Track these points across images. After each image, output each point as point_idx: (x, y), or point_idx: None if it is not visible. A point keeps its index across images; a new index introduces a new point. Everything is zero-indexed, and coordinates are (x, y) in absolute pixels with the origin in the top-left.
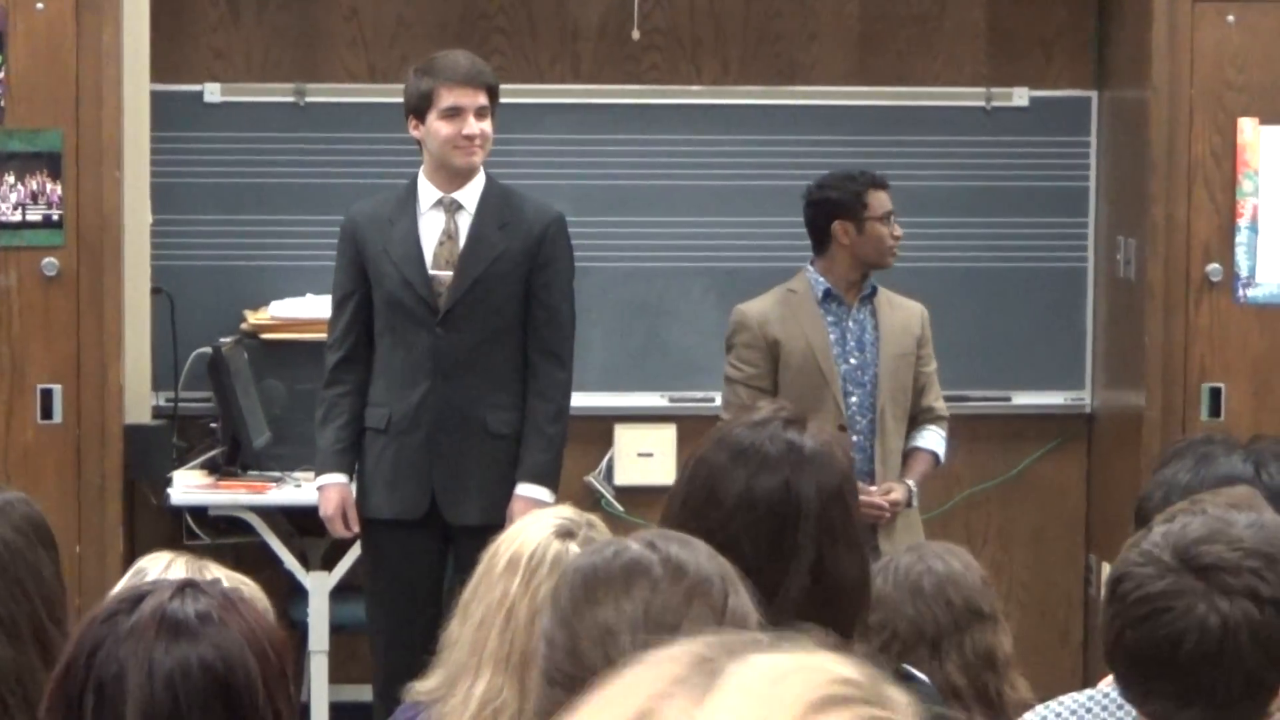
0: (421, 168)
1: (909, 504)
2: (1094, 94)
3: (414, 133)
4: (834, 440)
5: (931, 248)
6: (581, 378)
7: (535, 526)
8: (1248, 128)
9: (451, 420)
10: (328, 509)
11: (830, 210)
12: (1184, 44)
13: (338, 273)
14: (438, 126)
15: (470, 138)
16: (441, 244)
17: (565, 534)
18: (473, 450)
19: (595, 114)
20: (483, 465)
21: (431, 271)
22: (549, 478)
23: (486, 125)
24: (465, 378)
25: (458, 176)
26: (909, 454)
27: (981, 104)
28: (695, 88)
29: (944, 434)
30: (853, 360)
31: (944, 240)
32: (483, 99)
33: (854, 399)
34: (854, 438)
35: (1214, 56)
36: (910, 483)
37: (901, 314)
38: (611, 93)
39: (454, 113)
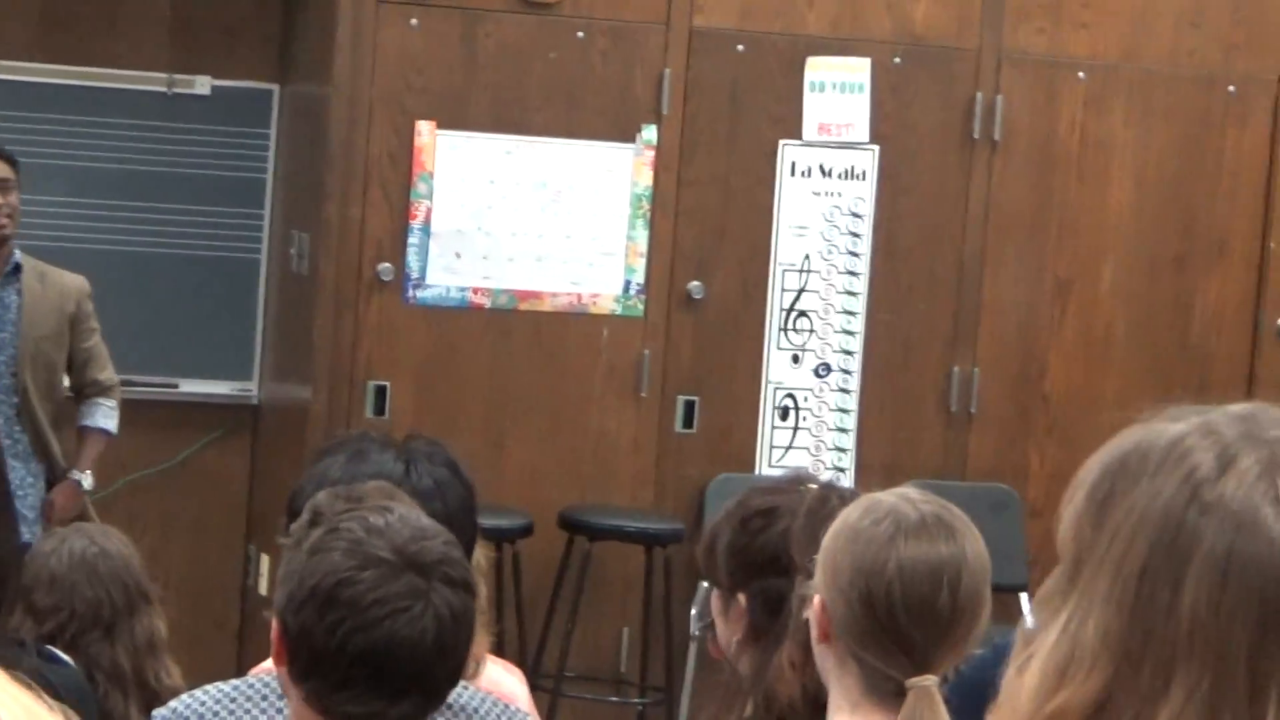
0: None
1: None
2: (276, 87)
3: None
4: None
5: (105, 230)
6: None
7: None
8: (425, 130)
9: None
10: None
11: None
12: (367, 44)
13: None
14: None
15: None
16: None
17: None
18: None
19: None
20: None
21: None
22: None
23: None
24: None
25: None
26: (81, 434)
27: (163, 89)
28: None
29: (114, 404)
30: None
31: (119, 224)
32: None
33: None
34: None
35: (396, 58)
36: (80, 476)
37: (54, 291)
38: None
39: None
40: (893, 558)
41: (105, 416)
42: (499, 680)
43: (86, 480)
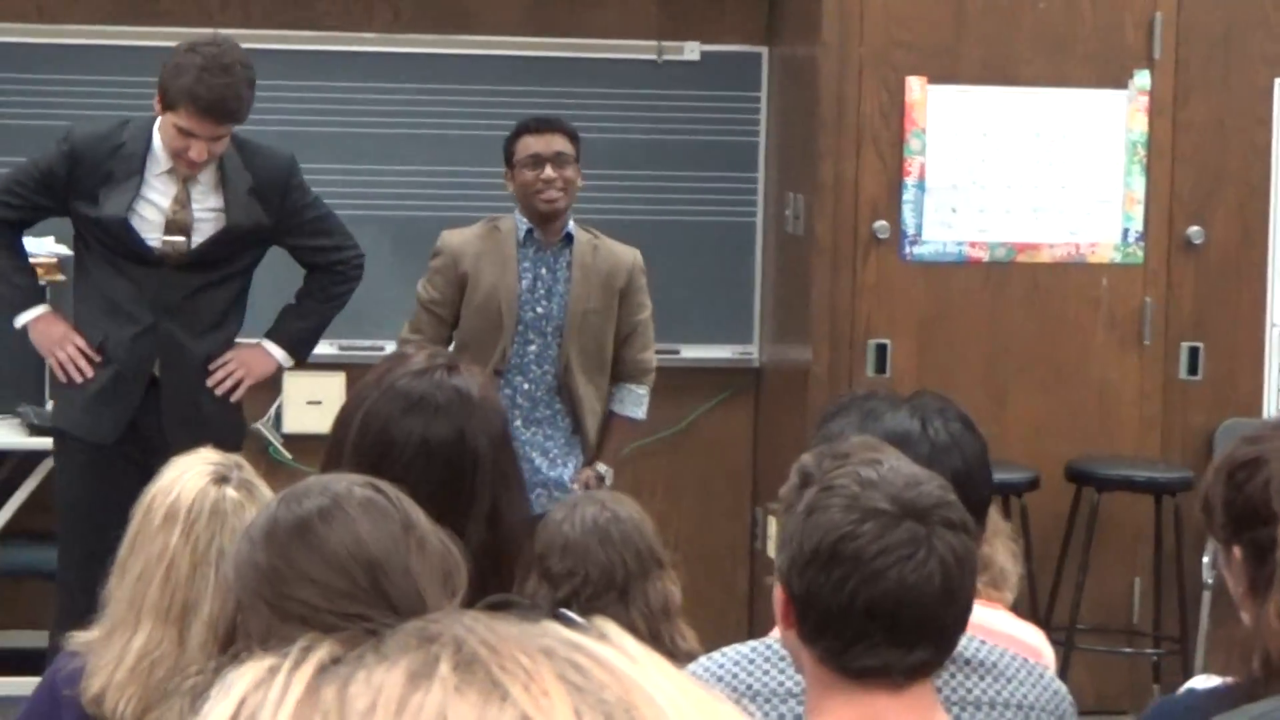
0: (157, 123)
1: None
2: (765, 49)
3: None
4: (490, 383)
5: (599, 200)
6: (247, 325)
7: (188, 476)
8: (915, 87)
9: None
10: (63, 345)
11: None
12: (854, 2)
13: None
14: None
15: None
16: (174, 212)
17: (220, 479)
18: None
19: (267, 60)
20: (207, 398)
21: (164, 237)
22: (299, 346)
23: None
24: (186, 315)
25: None
26: (608, 419)
27: (653, 57)
28: (367, 35)
29: (645, 390)
30: (539, 309)
31: (614, 193)
32: (223, 130)
33: (533, 347)
34: (525, 385)
35: (883, 15)
36: (603, 470)
37: (605, 263)
38: (284, 39)
39: (188, 134)
40: None
41: (634, 404)
42: (1013, 630)
43: (607, 475)
